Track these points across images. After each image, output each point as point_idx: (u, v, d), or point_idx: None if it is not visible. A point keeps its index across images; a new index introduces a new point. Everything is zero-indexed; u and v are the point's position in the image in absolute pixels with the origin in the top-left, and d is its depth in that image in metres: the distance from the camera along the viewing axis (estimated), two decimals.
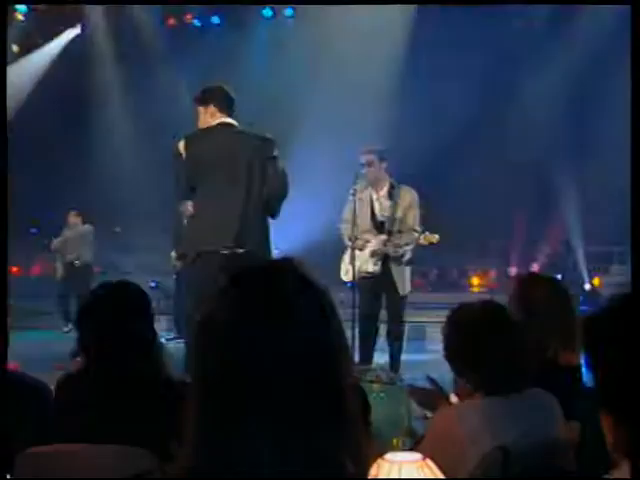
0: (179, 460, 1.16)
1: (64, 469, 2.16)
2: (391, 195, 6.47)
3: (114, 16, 12.84)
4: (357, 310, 6.41)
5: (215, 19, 13.40)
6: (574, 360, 2.66)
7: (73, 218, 10.79)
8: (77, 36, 13.72)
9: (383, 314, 6.77)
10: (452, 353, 2.34)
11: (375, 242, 6.40)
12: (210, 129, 4.96)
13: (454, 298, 8.38)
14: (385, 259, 6.38)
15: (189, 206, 9.98)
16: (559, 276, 12.46)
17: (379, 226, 6.47)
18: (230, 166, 4.79)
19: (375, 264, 6.40)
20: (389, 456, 1.75)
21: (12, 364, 2.86)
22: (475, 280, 13.40)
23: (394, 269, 6.40)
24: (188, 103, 12.67)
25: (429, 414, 3.02)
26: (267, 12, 13.13)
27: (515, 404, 2.22)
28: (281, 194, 4.93)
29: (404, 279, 6.46)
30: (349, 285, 6.57)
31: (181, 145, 4.92)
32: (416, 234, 6.33)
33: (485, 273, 13.32)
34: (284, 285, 1.16)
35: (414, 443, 2.58)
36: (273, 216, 5.02)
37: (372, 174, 6.42)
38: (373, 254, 6.38)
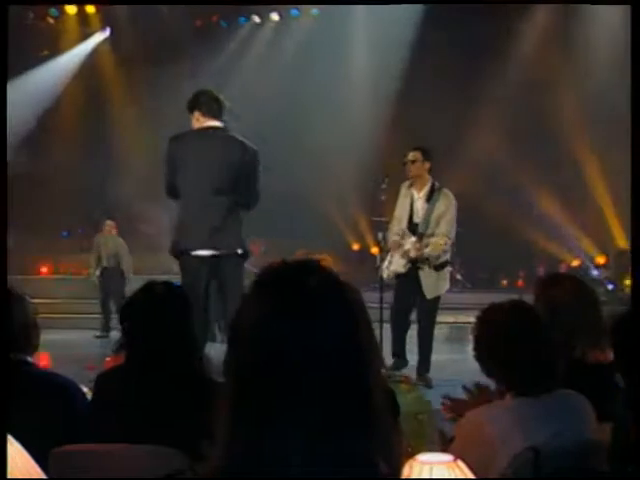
0: (210, 460, 1.17)
1: (96, 468, 2.18)
2: (429, 197, 6.54)
3: (142, 18, 12.96)
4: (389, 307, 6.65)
5: (242, 20, 13.52)
6: (603, 358, 2.64)
7: (109, 227, 10.94)
8: (105, 39, 13.92)
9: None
10: (482, 353, 2.33)
11: (406, 244, 6.51)
12: (191, 132, 5.10)
13: (482, 299, 8.37)
14: (414, 261, 6.47)
15: None
16: (595, 272, 12.36)
17: (414, 228, 6.56)
18: (206, 168, 4.91)
19: (403, 266, 6.52)
20: (420, 457, 1.76)
21: (43, 362, 2.90)
22: (503, 281, 13.29)
23: (421, 272, 6.47)
24: None
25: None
26: (293, 12, 13.23)
27: (546, 404, 2.21)
28: (249, 206, 5.11)
29: (431, 282, 6.51)
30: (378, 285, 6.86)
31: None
32: (447, 240, 6.42)
33: (513, 273, 13.19)
34: (311, 284, 1.16)
35: (444, 444, 2.58)
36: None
37: (414, 171, 6.53)
38: (403, 255, 6.50)
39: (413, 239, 6.48)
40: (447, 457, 1.78)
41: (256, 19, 13.50)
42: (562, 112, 12.15)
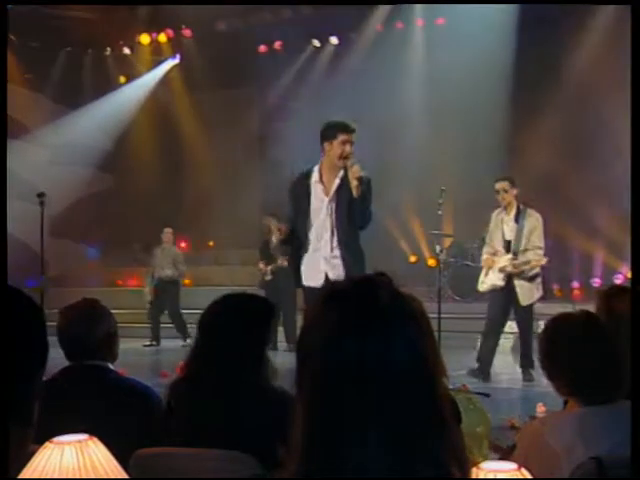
0: (288, 466, 1.22)
1: (176, 470, 2.28)
2: (517, 218, 7.31)
3: (208, 45, 13.41)
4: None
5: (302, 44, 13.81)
6: None
7: (167, 236, 11.26)
8: (175, 65, 14.50)
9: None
10: (548, 361, 2.35)
11: (502, 261, 7.26)
12: None
13: (537, 309, 8.29)
14: (510, 275, 7.27)
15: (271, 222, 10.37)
16: None
17: (507, 246, 7.36)
18: None
19: (501, 280, 7.26)
20: (484, 465, 1.79)
21: (120, 370, 3.05)
22: (557, 292, 13.01)
23: (517, 283, 7.25)
24: (281, 123, 12.73)
25: (517, 423, 3.04)
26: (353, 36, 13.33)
27: (609, 414, 2.23)
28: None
29: (526, 291, 7.28)
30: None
31: None
32: (540, 251, 7.26)
33: (568, 284, 12.88)
34: (382, 299, 1.20)
35: (504, 453, 2.60)
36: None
37: (505, 200, 7.38)
38: (500, 271, 7.24)
39: (509, 256, 7.23)
40: (511, 465, 1.82)
41: (316, 43, 13.73)
42: (624, 123, 11.78)
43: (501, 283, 7.28)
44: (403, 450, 1.15)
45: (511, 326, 10.11)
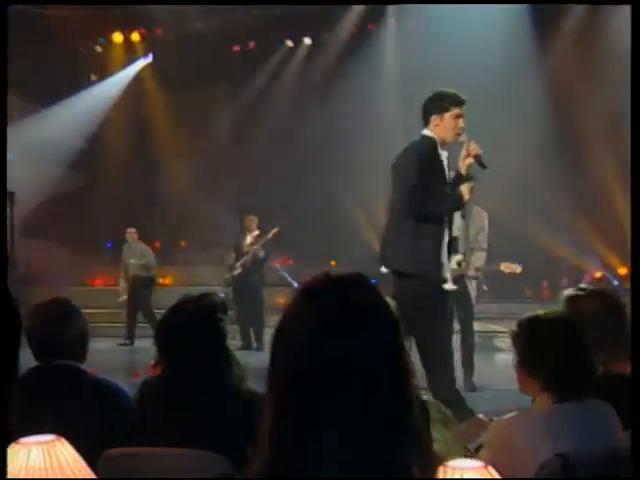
0: (253, 464, 1.21)
1: (145, 470, 2.28)
2: (464, 215, 6.57)
3: (182, 44, 13.39)
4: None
5: (276, 44, 13.88)
6: (626, 370, 2.68)
7: (131, 235, 11.38)
8: (148, 64, 14.44)
9: None
10: (522, 358, 2.38)
11: (452, 262, 6.64)
12: None
13: (507, 309, 8.24)
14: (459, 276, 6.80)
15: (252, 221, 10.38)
16: (616, 283, 12.16)
17: (455, 245, 6.69)
18: None
19: (454, 283, 6.61)
20: (451, 463, 1.81)
21: (90, 369, 3.03)
22: (527, 291, 13.15)
23: (468, 283, 6.96)
24: (250, 124, 12.70)
25: (486, 421, 3.07)
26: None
27: (576, 412, 2.26)
28: None
29: (471, 291, 7.07)
30: None
31: None
32: (484, 253, 6.94)
33: (537, 284, 13.02)
34: (356, 299, 1.21)
35: (471, 455, 2.63)
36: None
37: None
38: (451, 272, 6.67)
39: (458, 257, 6.61)
40: (477, 463, 1.85)
41: (289, 44, 13.76)
42: (589, 124, 11.97)
43: (454, 287, 6.99)
44: (375, 449, 1.16)
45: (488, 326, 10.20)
